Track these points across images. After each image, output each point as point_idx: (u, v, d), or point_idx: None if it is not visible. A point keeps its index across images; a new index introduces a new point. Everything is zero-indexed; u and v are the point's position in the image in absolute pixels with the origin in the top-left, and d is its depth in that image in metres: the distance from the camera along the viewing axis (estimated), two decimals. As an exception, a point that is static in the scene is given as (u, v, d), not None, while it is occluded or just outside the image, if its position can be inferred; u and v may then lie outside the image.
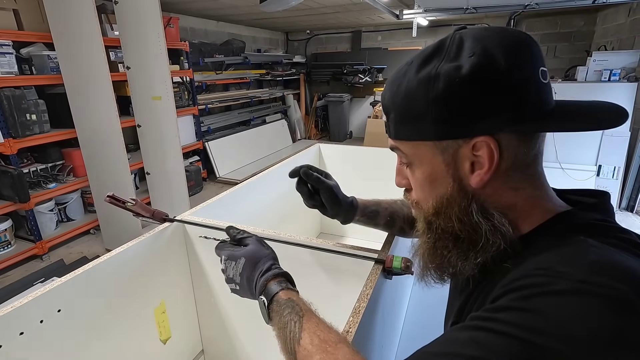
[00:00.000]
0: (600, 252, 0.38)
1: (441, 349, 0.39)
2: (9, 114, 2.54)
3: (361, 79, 6.29)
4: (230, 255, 0.66)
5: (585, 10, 4.82)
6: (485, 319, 0.38)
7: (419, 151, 0.49)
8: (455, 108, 0.44)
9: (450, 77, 0.43)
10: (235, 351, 1.20)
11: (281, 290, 0.59)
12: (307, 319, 0.53)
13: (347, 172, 2.01)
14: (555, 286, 0.36)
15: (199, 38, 5.06)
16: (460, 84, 0.42)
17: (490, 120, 0.43)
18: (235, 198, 1.34)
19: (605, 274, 0.35)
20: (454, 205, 0.48)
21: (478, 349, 0.36)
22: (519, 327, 0.35)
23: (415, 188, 0.53)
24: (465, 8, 3.59)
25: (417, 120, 0.46)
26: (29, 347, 0.73)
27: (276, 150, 5.90)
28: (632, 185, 3.31)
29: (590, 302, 0.34)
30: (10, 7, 2.64)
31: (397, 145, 0.52)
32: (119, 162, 2.71)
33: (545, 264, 0.39)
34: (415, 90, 0.46)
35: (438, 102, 0.44)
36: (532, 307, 0.36)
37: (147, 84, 2.94)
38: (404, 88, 0.47)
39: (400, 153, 0.52)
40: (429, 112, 0.45)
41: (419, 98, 0.45)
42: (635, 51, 3.29)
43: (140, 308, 1.00)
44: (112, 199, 0.93)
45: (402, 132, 0.49)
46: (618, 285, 0.34)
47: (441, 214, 0.49)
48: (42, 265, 2.74)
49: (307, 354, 0.49)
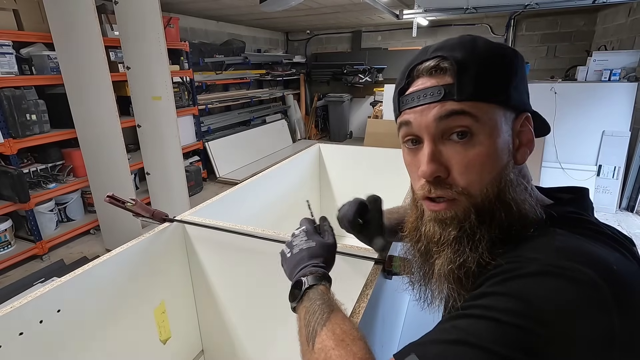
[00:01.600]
0: (567, 239, 0.41)
1: (426, 338, 0.41)
2: (9, 114, 2.54)
3: (361, 79, 6.29)
4: (309, 232, 0.70)
5: (585, 10, 4.82)
6: (465, 307, 0.41)
7: (492, 117, 0.45)
8: (522, 78, 0.48)
9: (520, 54, 0.48)
10: (235, 351, 1.20)
11: (323, 286, 0.60)
12: (335, 314, 0.54)
13: (347, 172, 2.01)
14: (525, 270, 0.39)
15: (199, 38, 5.07)
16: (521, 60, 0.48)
17: (528, 100, 0.49)
18: (235, 198, 1.34)
19: (570, 258, 0.38)
20: (513, 184, 0.46)
21: (457, 333, 0.38)
22: (494, 309, 0.38)
23: (473, 166, 0.45)
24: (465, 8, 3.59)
25: (502, 78, 0.46)
26: (29, 348, 0.73)
27: (276, 150, 5.90)
28: (632, 185, 3.30)
29: (557, 283, 0.37)
30: (10, 7, 2.64)
31: (467, 108, 0.44)
32: (119, 162, 2.71)
33: (518, 253, 0.42)
34: (501, 52, 0.47)
35: (518, 69, 0.47)
36: (504, 290, 0.39)
37: (147, 84, 2.94)
38: (484, 47, 0.46)
39: (463, 121, 0.45)
40: (511, 77, 0.46)
41: (505, 60, 0.46)
42: (636, 51, 3.29)
43: (140, 308, 0.99)
44: (112, 199, 0.93)
45: (484, 90, 0.45)
46: (582, 268, 0.37)
47: (505, 194, 0.45)
48: (42, 266, 2.74)
49: (325, 338, 0.50)
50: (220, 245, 1.06)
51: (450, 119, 0.45)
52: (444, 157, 0.46)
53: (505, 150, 0.46)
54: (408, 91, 0.49)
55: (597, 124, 3.27)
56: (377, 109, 4.96)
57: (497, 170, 0.45)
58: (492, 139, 0.45)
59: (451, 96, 0.45)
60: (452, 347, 0.38)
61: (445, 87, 0.45)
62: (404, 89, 0.50)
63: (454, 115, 0.45)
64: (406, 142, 0.51)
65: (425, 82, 0.47)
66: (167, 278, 1.07)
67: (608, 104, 3.22)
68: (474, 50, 0.46)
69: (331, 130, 6.85)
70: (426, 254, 0.52)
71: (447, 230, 0.48)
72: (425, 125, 0.47)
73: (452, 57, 0.45)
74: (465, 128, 0.45)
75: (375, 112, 4.96)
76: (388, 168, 1.85)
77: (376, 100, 5.55)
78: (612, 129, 3.25)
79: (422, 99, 0.47)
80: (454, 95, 0.45)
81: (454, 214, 0.47)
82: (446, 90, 0.45)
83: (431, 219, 0.50)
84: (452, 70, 0.45)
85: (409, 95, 0.49)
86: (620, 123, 3.22)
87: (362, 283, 0.75)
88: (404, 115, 0.50)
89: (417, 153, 0.49)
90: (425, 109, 0.46)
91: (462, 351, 0.37)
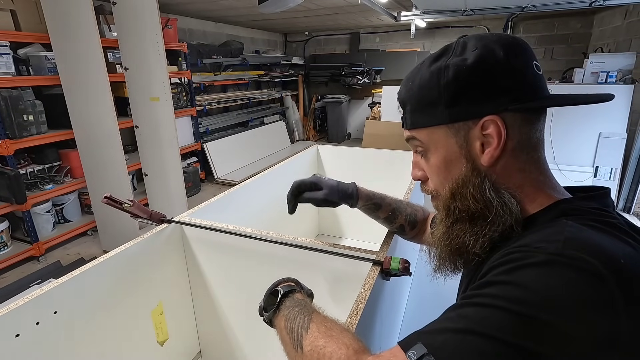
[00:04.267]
0: (576, 231, 0.42)
1: (431, 327, 0.42)
2: (6, 115, 2.53)
3: (359, 80, 6.30)
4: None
5: (582, 13, 4.85)
6: (471, 296, 0.42)
7: (434, 136, 0.54)
8: (463, 92, 0.50)
9: (458, 66, 0.50)
10: (232, 352, 1.20)
11: (299, 293, 0.64)
12: (316, 314, 0.57)
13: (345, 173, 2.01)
14: (531, 259, 0.40)
15: (197, 39, 5.06)
16: (467, 71, 0.49)
17: (495, 101, 0.49)
18: (233, 199, 1.34)
19: (577, 248, 0.39)
20: (468, 184, 0.52)
21: (463, 322, 0.39)
22: (500, 298, 0.38)
23: (432, 175, 0.57)
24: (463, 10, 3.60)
25: (431, 107, 0.52)
26: (25, 349, 0.73)
27: (274, 151, 5.90)
28: (628, 186, 3.32)
29: (563, 272, 0.37)
30: (8, 7, 2.63)
31: (413, 134, 0.57)
32: (116, 163, 2.70)
33: (525, 242, 0.44)
34: (428, 81, 0.52)
35: (449, 88, 0.50)
36: (511, 280, 0.39)
37: (145, 85, 2.94)
38: (417, 81, 0.54)
39: (416, 142, 0.57)
40: (442, 98, 0.51)
41: (432, 86, 0.52)
42: (632, 53, 3.31)
43: (138, 310, 0.99)
44: (109, 200, 0.93)
45: (419, 120, 0.55)
46: (588, 258, 0.37)
47: (457, 194, 0.53)
48: (38, 267, 2.73)
49: (313, 339, 0.52)
50: (218, 247, 1.06)
51: (410, 141, 0.59)
52: (421, 165, 0.60)
53: (455, 159, 0.53)
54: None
55: (594, 126, 3.29)
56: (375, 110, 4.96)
57: (451, 175, 0.54)
58: (437, 153, 0.54)
59: (405, 126, 0.58)
60: (459, 335, 0.38)
61: (403, 119, 0.59)
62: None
63: (410, 139, 0.58)
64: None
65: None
66: (165, 279, 1.07)
67: (605, 105, 3.22)
68: (411, 85, 0.55)
69: (329, 132, 6.86)
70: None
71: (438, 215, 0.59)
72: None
73: (399, 94, 0.58)
74: (419, 146, 0.57)
75: (373, 114, 4.97)
76: (386, 169, 1.85)
77: (374, 101, 5.56)
78: (608, 130, 3.27)
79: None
80: (404, 126, 0.58)
81: (436, 206, 0.59)
82: (403, 121, 0.59)
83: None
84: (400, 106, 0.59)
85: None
86: (617, 125, 3.24)
87: (360, 284, 0.75)
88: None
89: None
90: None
91: (469, 340, 0.37)
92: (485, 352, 0.36)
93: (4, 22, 2.61)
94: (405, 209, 0.91)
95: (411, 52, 6.14)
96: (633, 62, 3.26)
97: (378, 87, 5.39)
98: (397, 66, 6.21)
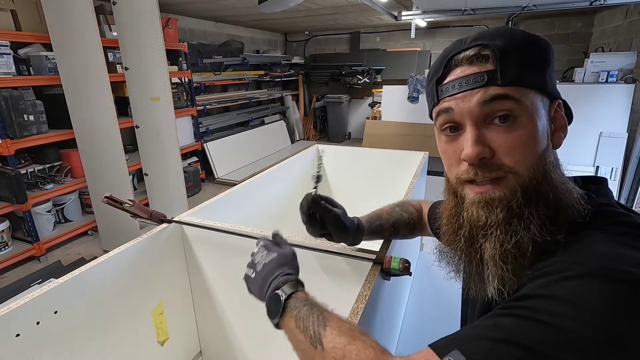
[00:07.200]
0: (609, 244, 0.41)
1: (467, 334, 0.42)
2: (6, 115, 2.53)
3: (360, 80, 6.30)
4: (267, 246, 0.68)
5: (582, 12, 4.85)
6: (507, 307, 0.41)
7: (534, 100, 0.47)
8: (554, 69, 0.50)
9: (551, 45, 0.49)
10: (233, 352, 1.20)
11: (301, 292, 0.60)
12: (329, 314, 0.54)
13: (346, 173, 2.01)
14: (570, 272, 0.39)
15: (197, 39, 5.06)
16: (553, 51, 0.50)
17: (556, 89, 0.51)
18: (233, 199, 1.34)
19: (614, 260, 0.38)
20: (556, 166, 0.49)
21: (502, 332, 0.38)
22: (539, 311, 0.38)
23: (518, 147, 0.46)
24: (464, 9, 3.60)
25: (540, 67, 0.48)
26: (26, 349, 0.73)
27: (275, 151, 5.90)
28: (629, 186, 3.31)
29: (603, 284, 0.37)
30: (8, 7, 2.64)
31: (509, 92, 0.46)
32: (117, 163, 2.70)
33: (560, 258, 0.43)
34: (534, 42, 0.48)
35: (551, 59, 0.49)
36: (550, 293, 0.39)
37: (145, 85, 2.94)
38: (521, 36, 0.48)
39: (506, 104, 0.46)
40: (548, 65, 0.49)
41: (542, 48, 0.48)
42: (632, 53, 3.31)
43: (138, 309, 0.99)
44: (109, 200, 0.93)
45: (528, 76, 0.47)
46: (627, 268, 0.37)
47: (550, 174, 0.47)
48: (39, 267, 2.73)
49: (334, 336, 0.49)
50: (218, 246, 1.06)
51: (493, 104, 0.46)
52: (487, 140, 0.47)
53: (545, 133, 0.48)
54: (447, 80, 0.51)
55: (595, 126, 3.29)
56: (375, 110, 4.96)
57: (539, 151, 0.47)
58: (533, 121, 0.46)
59: (494, 81, 0.46)
60: (498, 345, 0.38)
61: (488, 73, 0.47)
62: (441, 78, 0.51)
63: (498, 99, 0.46)
64: (444, 130, 0.52)
65: (466, 70, 0.49)
66: (165, 279, 1.07)
67: (605, 105, 3.23)
68: (513, 38, 0.47)
69: (330, 131, 6.86)
70: (470, 239, 0.51)
71: (495, 212, 0.47)
72: (468, 110, 0.48)
73: (494, 44, 0.47)
74: (508, 112, 0.46)
75: (373, 113, 4.96)
76: (387, 169, 1.85)
77: (375, 101, 5.56)
78: (609, 130, 3.27)
79: (464, 85, 0.48)
80: (497, 81, 0.46)
81: (501, 194, 0.47)
82: (489, 76, 0.47)
83: (474, 202, 0.49)
84: (494, 57, 0.47)
85: (449, 83, 0.50)
86: (618, 124, 3.24)
87: (361, 283, 0.75)
88: (443, 103, 0.51)
89: (457, 139, 0.50)
90: (467, 94, 0.48)
91: (508, 350, 0.37)
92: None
93: (5, 22, 2.61)
94: (402, 215, 0.89)
95: (411, 52, 6.14)
96: (634, 61, 3.25)
97: (378, 87, 5.38)
98: (398, 66, 6.21)
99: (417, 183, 1.33)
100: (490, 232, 0.48)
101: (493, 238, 0.47)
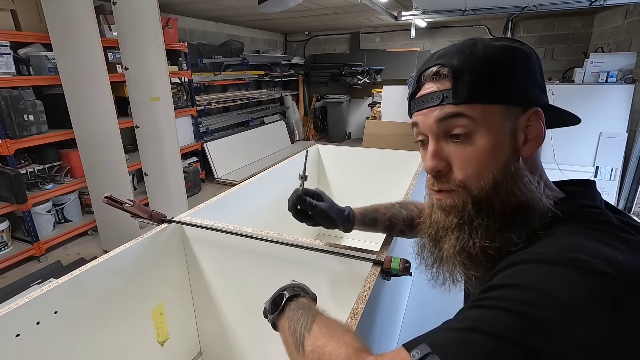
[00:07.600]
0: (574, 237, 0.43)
1: (438, 328, 0.43)
2: (6, 115, 2.53)
3: (360, 80, 6.30)
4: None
5: (582, 13, 4.85)
6: (476, 300, 0.43)
7: (489, 116, 0.48)
8: (529, 76, 0.50)
9: (526, 51, 0.50)
10: (233, 352, 1.20)
11: (304, 297, 0.63)
12: (319, 316, 0.56)
13: (345, 173, 2.01)
14: (532, 263, 0.41)
15: (197, 39, 5.06)
16: (535, 58, 0.50)
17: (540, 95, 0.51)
18: (233, 199, 1.34)
19: (576, 251, 0.40)
20: (515, 177, 0.49)
21: (467, 322, 0.40)
22: (503, 299, 0.39)
23: (470, 162, 0.49)
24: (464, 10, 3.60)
25: (496, 82, 0.48)
26: (26, 349, 0.73)
27: (275, 151, 5.90)
28: (629, 186, 3.31)
29: (563, 272, 0.38)
30: (8, 7, 2.64)
31: (462, 111, 0.48)
32: (117, 163, 2.70)
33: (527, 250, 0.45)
34: (497, 54, 0.49)
35: (518, 68, 0.49)
36: (513, 282, 0.41)
37: (145, 85, 2.94)
38: (481, 52, 0.49)
39: (460, 122, 0.49)
40: (511, 76, 0.48)
41: (502, 60, 0.49)
42: (632, 53, 3.31)
43: (138, 310, 0.99)
44: (109, 200, 0.93)
45: (478, 93, 0.48)
46: (588, 258, 0.38)
47: (502, 185, 0.48)
48: (39, 267, 2.73)
49: (314, 339, 0.51)
50: (218, 246, 1.06)
51: (449, 121, 0.50)
52: (445, 154, 0.51)
53: (505, 146, 0.49)
54: (417, 95, 0.54)
55: (595, 126, 3.29)
56: (375, 110, 4.96)
57: (495, 164, 0.49)
58: (488, 137, 0.48)
59: (449, 100, 0.49)
60: (463, 334, 0.39)
61: (444, 92, 0.50)
62: (415, 93, 0.55)
63: (452, 117, 0.49)
64: (418, 141, 0.56)
65: (430, 87, 0.52)
66: (165, 279, 1.07)
67: (605, 105, 3.23)
68: (471, 55, 0.49)
69: (330, 131, 6.86)
70: (436, 239, 0.56)
71: (450, 217, 0.52)
72: (429, 126, 0.52)
73: (449, 64, 0.50)
74: (462, 128, 0.49)
75: (373, 114, 4.96)
76: (387, 169, 1.85)
77: (375, 101, 5.56)
78: (609, 130, 3.27)
79: (425, 102, 0.52)
80: (451, 100, 0.49)
81: (453, 203, 0.52)
82: (444, 95, 0.50)
83: (437, 207, 0.55)
84: (450, 76, 0.49)
85: (418, 99, 0.54)
86: (618, 125, 3.24)
87: (361, 284, 0.75)
88: (414, 117, 0.55)
89: (426, 150, 0.54)
90: (428, 111, 0.52)
91: (473, 338, 0.38)
92: (490, 351, 0.37)
93: (4, 22, 2.61)
94: (401, 212, 0.90)
95: (411, 52, 6.14)
96: (633, 61, 3.25)
97: (378, 87, 5.38)
98: (398, 66, 6.21)
99: (417, 183, 1.33)
100: (447, 234, 0.53)
101: (448, 239, 0.53)
